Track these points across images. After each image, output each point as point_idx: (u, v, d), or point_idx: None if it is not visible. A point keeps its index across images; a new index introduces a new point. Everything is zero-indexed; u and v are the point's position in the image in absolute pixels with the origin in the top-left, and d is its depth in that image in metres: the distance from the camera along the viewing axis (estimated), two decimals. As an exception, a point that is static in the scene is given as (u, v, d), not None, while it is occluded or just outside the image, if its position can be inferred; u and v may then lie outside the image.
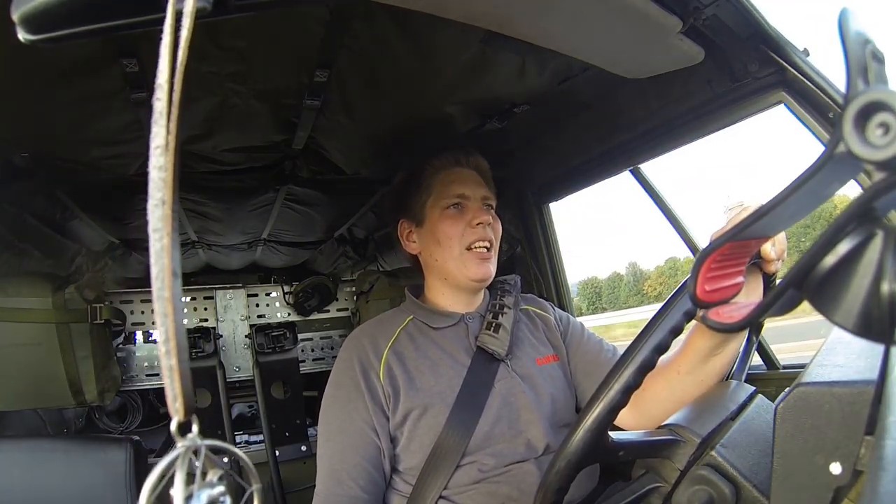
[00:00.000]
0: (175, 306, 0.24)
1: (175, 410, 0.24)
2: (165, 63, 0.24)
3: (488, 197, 0.95)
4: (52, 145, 1.04)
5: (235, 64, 0.83)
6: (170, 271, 0.24)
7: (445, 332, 0.92)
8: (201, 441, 0.25)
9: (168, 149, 0.24)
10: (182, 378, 0.24)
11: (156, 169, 0.24)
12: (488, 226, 0.91)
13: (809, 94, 0.77)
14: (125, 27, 0.29)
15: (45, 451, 0.97)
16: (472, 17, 0.67)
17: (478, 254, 0.90)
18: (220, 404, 1.76)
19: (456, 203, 0.92)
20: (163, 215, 0.24)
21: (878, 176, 0.23)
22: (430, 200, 0.94)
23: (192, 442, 0.25)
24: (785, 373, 0.96)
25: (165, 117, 0.24)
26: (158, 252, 0.24)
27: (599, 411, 0.47)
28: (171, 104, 0.24)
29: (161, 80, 0.24)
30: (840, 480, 0.36)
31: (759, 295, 0.70)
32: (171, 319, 0.24)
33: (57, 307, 1.35)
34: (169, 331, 0.23)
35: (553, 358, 0.94)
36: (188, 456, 0.24)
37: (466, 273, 0.90)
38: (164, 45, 0.25)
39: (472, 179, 0.95)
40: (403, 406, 0.82)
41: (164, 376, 0.24)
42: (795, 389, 0.40)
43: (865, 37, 0.26)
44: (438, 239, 0.92)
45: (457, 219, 0.91)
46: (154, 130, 0.24)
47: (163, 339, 0.23)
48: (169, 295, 0.24)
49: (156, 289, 0.24)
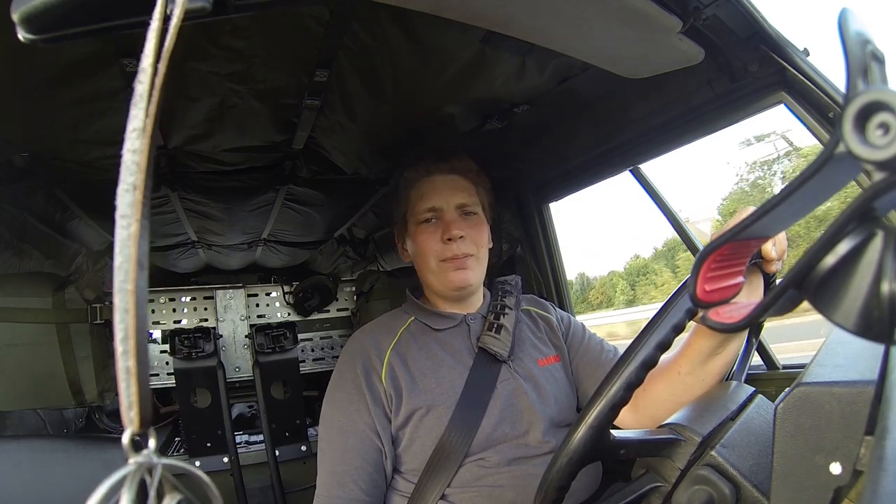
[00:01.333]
0: (138, 301, 0.21)
1: (129, 420, 0.21)
2: (151, 47, 0.23)
3: (465, 203, 0.92)
4: (52, 145, 1.04)
5: (235, 64, 0.83)
6: (135, 262, 0.21)
7: (447, 333, 0.92)
8: (157, 459, 0.21)
9: (145, 132, 0.22)
10: (140, 383, 0.21)
11: (130, 152, 0.22)
12: (460, 238, 0.89)
13: (809, 94, 0.76)
14: (125, 27, 0.29)
15: (45, 451, 0.97)
16: (472, 17, 0.67)
17: (455, 263, 0.90)
18: (220, 404, 1.76)
19: (427, 218, 0.91)
20: (133, 201, 0.22)
21: (878, 176, 0.23)
22: (407, 213, 0.94)
23: (147, 459, 0.21)
24: (785, 373, 0.96)
25: (146, 100, 0.23)
26: (124, 240, 0.21)
27: (601, 408, 0.47)
28: (152, 87, 0.23)
29: (145, 63, 0.23)
30: (840, 480, 0.36)
31: (759, 295, 0.70)
32: (133, 315, 0.21)
33: (57, 307, 1.35)
34: (129, 328, 0.21)
35: (555, 359, 0.94)
36: (139, 475, 0.21)
37: (445, 283, 0.91)
38: (152, 29, 0.24)
39: (446, 187, 0.93)
40: (406, 407, 0.82)
41: (120, 380, 0.21)
42: (795, 389, 0.40)
43: (865, 37, 0.26)
44: (418, 251, 0.93)
45: (431, 233, 0.91)
46: (132, 113, 0.23)
47: (121, 336, 0.21)
48: (132, 287, 0.21)
49: (118, 280, 0.21)
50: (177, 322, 2.06)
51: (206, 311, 2.06)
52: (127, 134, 0.23)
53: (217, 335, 1.96)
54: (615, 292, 29.59)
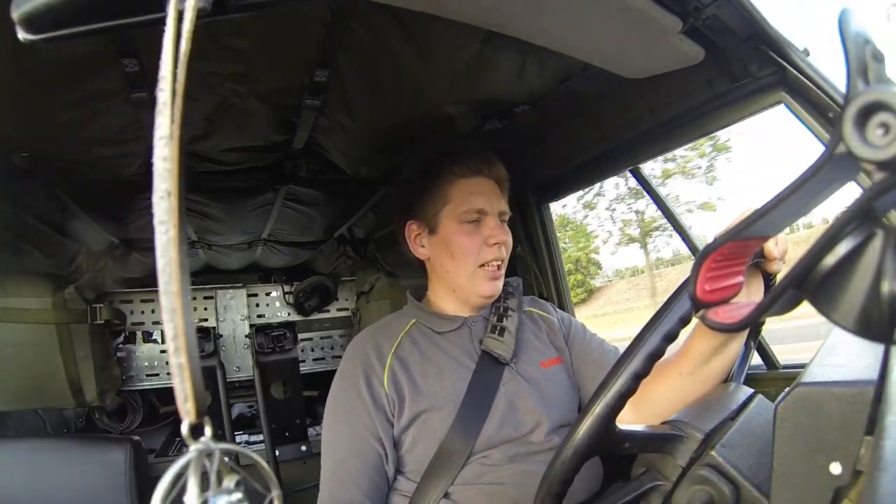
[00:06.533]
0: (183, 301, 0.23)
1: (186, 412, 0.22)
2: (169, 54, 0.24)
3: (505, 212, 0.92)
4: (52, 145, 1.04)
5: (235, 64, 0.83)
6: (177, 264, 0.23)
7: (449, 336, 0.91)
8: (215, 444, 0.23)
9: (172, 139, 0.23)
10: (193, 377, 0.22)
11: (160, 160, 0.23)
12: (503, 245, 0.89)
13: (809, 94, 0.76)
14: (125, 27, 0.29)
15: (45, 451, 0.97)
16: (472, 17, 0.67)
17: (490, 272, 0.89)
18: (220, 404, 1.76)
19: (474, 219, 0.89)
20: (168, 207, 0.23)
21: (878, 176, 0.23)
22: (446, 209, 0.90)
23: (206, 445, 0.23)
24: (785, 373, 0.96)
25: (170, 107, 0.24)
26: (165, 245, 0.23)
27: (609, 399, 0.47)
28: (174, 94, 0.24)
29: (164, 71, 0.24)
30: (840, 480, 0.36)
31: (759, 295, 0.70)
32: (180, 314, 0.22)
33: (57, 307, 1.35)
34: (178, 327, 0.22)
35: (557, 360, 0.94)
36: (202, 460, 0.23)
37: (477, 290, 0.89)
38: (168, 36, 0.24)
39: (493, 192, 0.91)
40: (409, 411, 0.82)
41: (174, 375, 0.22)
42: (795, 389, 0.40)
43: (865, 37, 0.26)
44: (452, 252, 0.89)
45: (473, 234, 0.89)
46: (158, 121, 0.23)
47: (171, 335, 0.22)
48: (177, 289, 0.23)
49: (162, 282, 0.23)
50: (177, 322, 2.05)
51: (207, 310, 2.06)
52: (155, 141, 0.23)
53: (217, 335, 1.96)
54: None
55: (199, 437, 0.23)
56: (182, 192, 0.23)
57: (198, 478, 0.22)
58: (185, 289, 0.23)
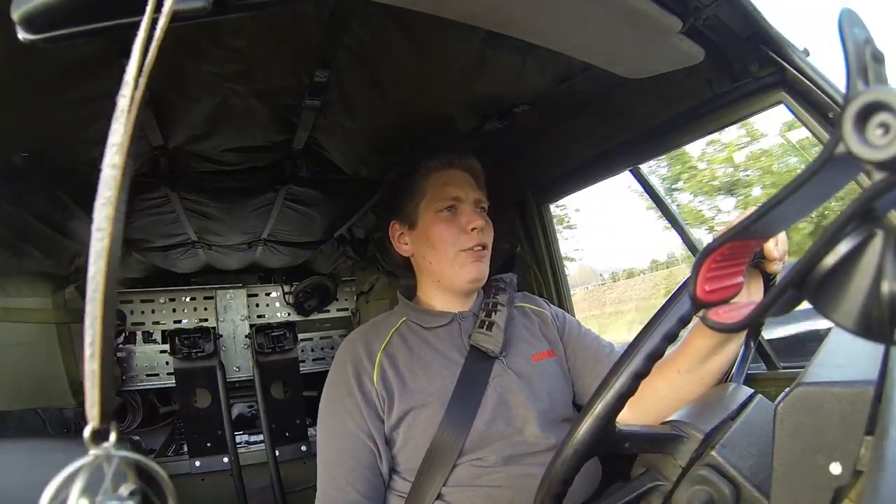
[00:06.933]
0: (106, 311, 0.23)
1: (91, 417, 0.23)
2: (135, 61, 0.24)
3: (481, 200, 0.95)
4: (52, 145, 1.04)
5: (235, 64, 0.83)
6: (105, 274, 0.23)
7: (438, 332, 0.92)
8: (115, 451, 0.23)
9: (122, 149, 0.24)
10: (103, 384, 0.23)
11: (109, 167, 0.23)
12: (481, 230, 0.91)
13: (809, 94, 0.76)
14: (125, 27, 0.29)
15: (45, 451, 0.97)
16: (472, 17, 0.67)
17: (472, 255, 0.90)
18: (220, 404, 1.76)
19: (450, 206, 0.92)
20: (107, 216, 0.23)
21: (878, 176, 0.23)
22: (423, 202, 0.93)
23: (105, 451, 0.23)
24: (785, 373, 0.96)
25: (125, 115, 0.24)
26: (98, 252, 0.23)
27: (609, 398, 0.47)
28: (132, 103, 0.24)
29: (128, 77, 0.24)
30: (840, 480, 0.36)
31: (759, 295, 0.70)
32: (100, 323, 0.23)
33: (57, 307, 1.35)
34: (96, 334, 0.23)
35: (549, 353, 0.94)
36: (97, 465, 0.23)
37: (461, 274, 0.90)
38: (138, 41, 0.24)
39: (466, 181, 0.94)
40: (398, 408, 0.82)
41: (86, 380, 0.23)
42: (795, 389, 0.40)
43: (865, 37, 0.26)
44: (432, 242, 0.91)
45: (450, 221, 0.91)
46: (114, 127, 0.24)
47: (89, 341, 0.23)
48: (101, 298, 0.23)
49: (90, 290, 0.23)
50: (177, 322, 2.06)
51: (207, 311, 2.07)
52: (107, 147, 0.24)
53: (217, 335, 1.96)
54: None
55: (101, 443, 0.23)
56: (122, 201, 0.24)
57: (83, 483, 0.22)
58: (109, 298, 0.23)
